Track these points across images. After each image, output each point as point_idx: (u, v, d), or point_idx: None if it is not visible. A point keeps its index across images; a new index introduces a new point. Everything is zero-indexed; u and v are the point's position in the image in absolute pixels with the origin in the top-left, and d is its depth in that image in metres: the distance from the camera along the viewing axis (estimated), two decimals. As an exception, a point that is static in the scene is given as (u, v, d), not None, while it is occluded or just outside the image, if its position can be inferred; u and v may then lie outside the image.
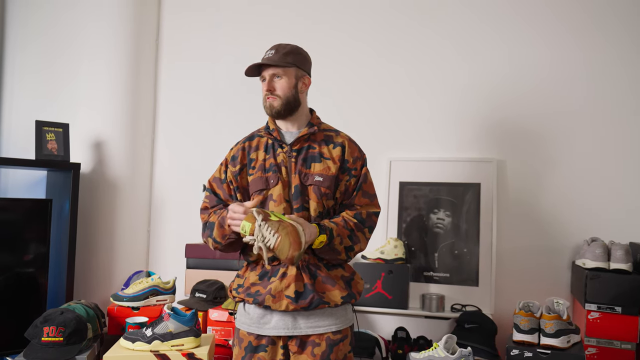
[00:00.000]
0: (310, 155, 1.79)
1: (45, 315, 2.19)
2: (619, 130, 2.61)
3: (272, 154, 1.79)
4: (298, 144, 1.79)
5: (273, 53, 1.78)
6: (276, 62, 1.76)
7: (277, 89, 1.78)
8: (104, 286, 2.94)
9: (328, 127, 1.88)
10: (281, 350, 1.70)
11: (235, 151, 1.86)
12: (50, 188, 2.96)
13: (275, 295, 1.66)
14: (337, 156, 1.79)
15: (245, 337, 1.73)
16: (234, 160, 1.84)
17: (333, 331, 1.70)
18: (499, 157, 2.74)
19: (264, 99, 1.80)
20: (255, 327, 1.71)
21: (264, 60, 1.77)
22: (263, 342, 1.70)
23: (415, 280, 2.73)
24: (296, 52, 1.81)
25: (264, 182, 1.75)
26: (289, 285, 1.66)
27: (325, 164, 1.77)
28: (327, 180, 1.75)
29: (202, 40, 3.21)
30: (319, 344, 1.68)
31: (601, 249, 2.32)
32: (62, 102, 3.05)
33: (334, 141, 1.82)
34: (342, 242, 1.70)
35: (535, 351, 2.04)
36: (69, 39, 3.07)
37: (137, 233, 3.11)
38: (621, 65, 2.62)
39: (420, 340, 2.45)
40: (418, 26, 2.89)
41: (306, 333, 1.68)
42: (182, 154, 3.22)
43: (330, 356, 1.68)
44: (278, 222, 1.55)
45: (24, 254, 2.62)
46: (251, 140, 1.86)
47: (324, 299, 1.67)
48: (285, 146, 1.79)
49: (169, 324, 2.11)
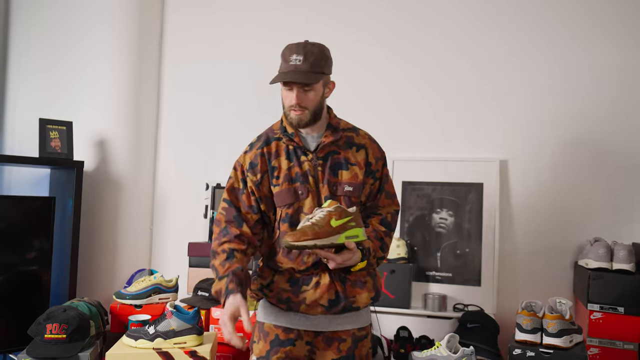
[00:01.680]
0: (336, 162, 1.70)
1: (48, 313, 2.19)
2: (621, 130, 2.61)
3: (296, 162, 1.68)
4: (322, 151, 1.69)
5: (302, 61, 1.60)
6: (308, 80, 1.61)
7: (306, 101, 1.64)
8: (106, 284, 2.95)
9: (346, 125, 1.79)
10: (307, 346, 1.68)
11: (252, 157, 1.71)
12: (54, 186, 2.96)
13: (309, 305, 1.64)
14: (362, 160, 1.73)
15: (271, 331, 1.69)
16: (252, 168, 1.70)
17: (358, 328, 1.72)
18: (501, 157, 2.74)
19: (288, 110, 1.66)
20: (283, 320, 1.68)
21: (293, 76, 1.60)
22: (291, 336, 1.67)
23: (417, 280, 2.73)
24: (324, 56, 1.65)
25: (293, 194, 1.66)
26: (322, 295, 1.64)
27: (352, 171, 1.70)
28: (356, 190, 1.70)
29: (205, 40, 3.22)
30: (345, 339, 1.69)
31: (604, 249, 2.32)
32: (66, 100, 3.06)
33: (356, 143, 1.75)
34: (375, 256, 1.70)
35: (538, 351, 2.03)
36: (73, 39, 3.07)
37: (139, 231, 3.11)
38: (623, 67, 2.61)
39: (423, 339, 2.45)
40: (421, 27, 2.89)
41: (334, 329, 1.69)
42: (185, 152, 3.22)
43: (355, 352, 1.70)
44: None
45: (27, 251, 2.62)
46: (269, 145, 1.72)
47: (354, 304, 1.68)
48: (310, 153, 1.69)
49: (172, 322, 2.11)
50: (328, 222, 1.56)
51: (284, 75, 1.62)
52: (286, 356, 1.66)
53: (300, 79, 1.60)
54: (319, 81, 1.64)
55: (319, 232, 1.53)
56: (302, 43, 1.64)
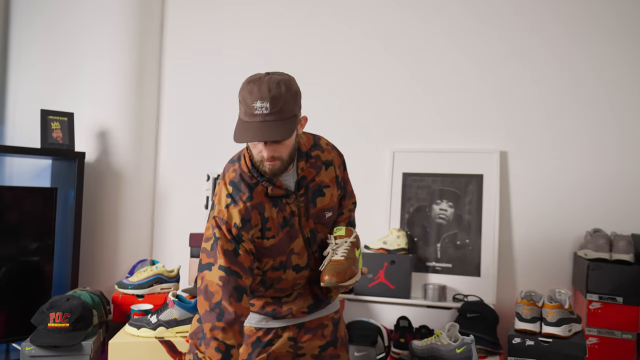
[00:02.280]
0: (314, 190, 1.59)
1: (51, 302, 2.21)
2: (622, 122, 2.61)
3: (280, 206, 1.53)
4: (302, 187, 1.57)
5: (269, 109, 1.36)
6: (282, 136, 1.39)
7: (279, 151, 1.44)
8: (108, 274, 2.96)
9: (308, 142, 1.62)
10: (289, 342, 1.67)
11: (242, 212, 1.48)
12: (55, 177, 2.97)
13: (294, 314, 1.65)
14: (332, 177, 1.64)
15: (252, 333, 1.66)
16: (246, 225, 1.47)
17: (334, 312, 1.75)
18: (501, 148, 2.75)
19: (259, 162, 1.46)
20: (264, 322, 1.66)
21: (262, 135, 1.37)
22: (271, 336, 1.66)
23: (417, 271, 2.74)
24: (292, 94, 1.41)
25: (287, 240, 1.55)
26: (305, 302, 1.66)
27: (328, 194, 1.61)
28: (334, 213, 1.66)
29: (205, 34, 3.22)
30: (327, 325, 1.71)
31: (603, 239, 2.33)
32: (67, 92, 3.06)
33: (324, 160, 1.62)
34: None
35: (537, 340, 2.05)
36: (74, 33, 3.07)
37: (141, 222, 3.13)
38: (625, 59, 2.62)
39: (422, 329, 2.47)
40: (422, 20, 2.89)
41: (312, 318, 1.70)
42: (186, 143, 3.23)
43: (337, 334, 1.73)
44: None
45: (29, 242, 2.64)
46: (253, 193, 1.50)
47: (332, 299, 1.73)
48: (292, 194, 1.55)
49: (174, 311, 2.13)
50: (354, 254, 1.57)
51: (250, 131, 1.38)
52: (268, 356, 1.64)
53: (271, 136, 1.38)
54: (292, 130, 1.42)
55: (354, 268, 1.55)
56: (264, 83, 1.38)
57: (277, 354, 1.65)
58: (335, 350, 1.72)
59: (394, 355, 2.36)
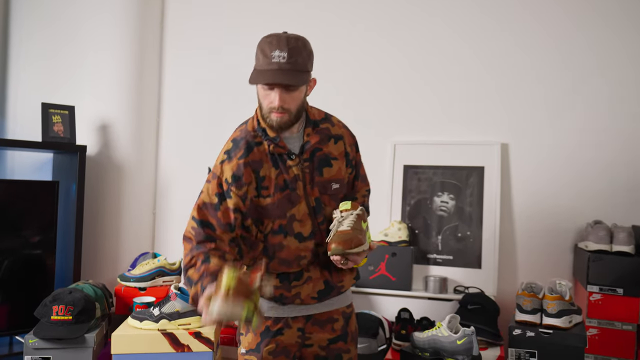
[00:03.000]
0: (320, 159, 1.61)
1: (54, 295, 2.22)
2: (623, 115, 2.61)
3: (282, 168, 1.56)
4: (308, 152, 1.59)
5: (286, 58, 1.45)
6: (296, 82, 1.47)
7: (289, 102, 1.49)
8: (110, 267, 2.97)
9: (319, 116, 1.67)
10: (298, 332, 1.66)
11: (234, 168, 1.53)
12: (57, 170, 2.98)
13: (303, 299, 1.64)
14: (342, 152, 1.66)
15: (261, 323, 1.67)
16: (237, 181, 1.52)
17: (346, 306, 1.73)
18: (502, 140, 2.75)
19: (268, 112, 1.51)
20: (273, 312, 1.65)
21: (278, 77, 1.45)
22: (280, 325, 1.65)
23: (418, 263, 2.75)
24: (308, 52, 1.52)
25: (286, 204, 1.55)
26: (314, 287, 1.64)
27: (335, 165, 1.63)
28: (342, 187, 1.66)
29: (206, 26, 3.21)
30: (337, 319, 1.70)
31: (604, 231, 2.34)
32: (69, 85, 3.07)
33: (334, 134, 1.66)
34: None
35: (537, 331, 2.06)
36: (75, 25, 3.08)
37: (142, 215, 3.13)
38: (626, 53, 2.61)
39: (424, 321, 2.48)
40: (422, 12, 2.88)
41: (323, 310, 1.69)
42: (187, 136, 3.23)
43: (347, 329, 1.72)
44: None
45: (31, 235, 2.65)
46: (251, 152, 1.55)
47: (343, 289, 1.70)
48: (295, 157, 1.57)
49: (176, 304, 2.14)
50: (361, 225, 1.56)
51: (266, 74, 1.46)
52: (277, 346, 1.64)
53: (286, 80, 1.45)
54: (305, 82, 1.51)
55: (361, 237, 1.53)
56: (283, 36, 1.49)
57: (286, 344, 1.65)
58: (345, 345, 1.71)
59: (395, 347, 2.37)
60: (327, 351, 1.69)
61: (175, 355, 2.07)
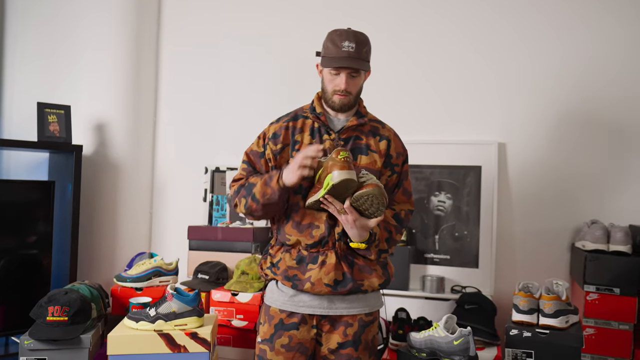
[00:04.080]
0: (357, 146, 1.74)
1: (49, 295, 2.21)
2: (619, 114, 2.60)
3: (318, 139, 1.73)
4: (346, 133, 1.74)
5: (354, 48, 1.67)
6: (364, 67, 1.69)
7: (352, 86, 1.71)
8: (107, 267, 2.97)
9: (374, 118, 1.84)
10: (313, 329, 1.70)
11: (277, 128, 1.77)
12: (53, 170, 2.97)
13: (314, 283, 1.66)
14: (383, 150, 1.77)
15: (276, 315, 1.72)
16: (275, 138, 1.76)
17: (366, 313, 1.73)
18: (500, 139, 2.74)
19: (332, 94, 1.71)
20: (289, 305, 1.70)
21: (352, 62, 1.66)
22: (295, 320, 1.69)
23: (415, 262, 2.75)
24: (369, 44, 1.73)
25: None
26: (328, 274, 1.66)
27: (372, 157, 1.74)
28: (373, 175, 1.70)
29: (204, 22, 3.20)
30: (352, 324, 1.70)
31: (601, 231, 2.33)
32: (64, 85, 3.06)
33: (381, 134, 1.79)
34: (378, 245, 1.70)
35: (534, 331, 2.06)
36: (71, 23, 3.07)
37: (139, 215, 3.13)
38: (626, 54, 2.60)
39: (421, 320, 2.48)
40: (423, 7, 2.87)
41: (340, 313, 1.70)
42: (184, 136, 3.22)
43: (362, 337, 1.72)
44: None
45: (27, 235, 2.64)
46: (295, 121, 1.78)
47: (363, 287, 1.70)
48: (333, 133, 1.74)
49: (173, 304, 2.13)
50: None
51: (341, 60, 1.65)
52: (290, 340, 1.68)
53: (355, 65, 1.66)
54: (367, 69, 1.72)
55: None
56: (350, 31, 1.70)
57: (300, 339, 1.69)
58: (356, 352, 1.71)
59: (392, 347, 2.36)
60: (336, 355, 1.70)
61: (172, 355, 2.06)
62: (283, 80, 3.05)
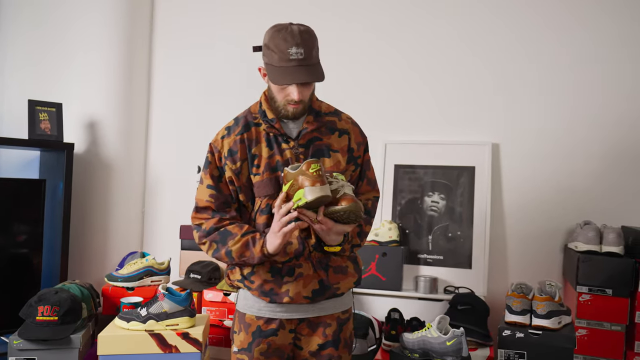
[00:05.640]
0: (318, 149, 1.64)
1: (39, 295, 2.19)
2: (612, 115, 2.61)
3: (277, 150, 1.61)
4: (304, 138, 1.63)
5: (303, 54, 1.50)
6: (319, 78, 1.53)
7: (304, 95, 1.57)
8: (98, 267, 2.94)
9: (328, 109, 1.71)
10: (291, 334, 1.66)
11: (230, 143, 1.62)
12: (44, 168, 2.94)
13: (293, 297, 1.60)
14: (345, 146, 1.68)
15: (253, 322, 1.64)
16: (232, 156, 1.61)
17: (342, 311, 1.71)
18: (493, 140, 2.74)
19: (284, 105, 1.58)
20: (265, 311, 1.64)
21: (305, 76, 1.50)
22: (273, 326, 1.63)
23: (409, 263, 2.74)
24: (316, 41, 1.56)
25: (274, 184, 1.59)
26: (306, 286, 1.61)
27: (335, 157, 1.64)
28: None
29: (197, 24, 3.19)
30: (330, 324, 1.67)
31: (594, 232, 2.34)
32: (56, 82, 3.03)
33: (339, 128, 1.69)
34: (351, 242, 1.67)
35: (527, 332, 2.06)
36: (64, 23, 3.04)
37: (131, 214, 3.11)
38: (622, 50, 2.61)
39: (414, 321, 2.47)
40: (413, 14, 2.87)
41: (318, 315, 1.67)
42: (177, 134, 3.21)
43: (340, 335, 1.69)
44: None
45: (17, 234, 2.61)
46: (248, 131, 1.63)
47: (338, 290, 1.66)
48: (291, 141, 1.62)
49: (164, 304, 2.11)
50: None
51: (289, 73, 1.50)
52: (269, 347, 1.63)
53: (310, 78, 1.51)
54: (322, 78, 1.54)
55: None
56: (294, 30, 1.51)
57: (279, 345, 1.64)
58: (336, 351, 1.68)
59: (385, 348, 2.36)
60: (317, 357, 1.67)
61: (163, 356, 2.05)
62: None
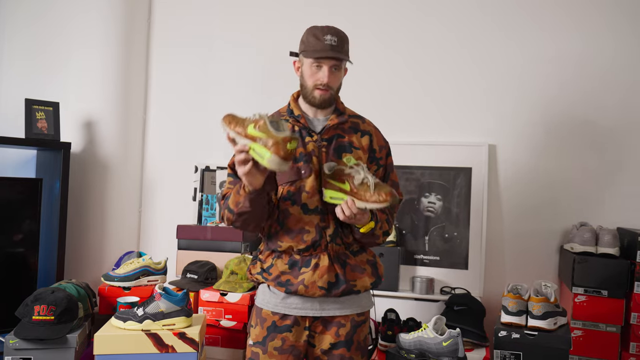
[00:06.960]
0: (340, 144, 1.73)
1: (36, 294, 2.18)
2: (608, 116, 2.62)
3: (300, 142, 1.70)
4: (328, 133, 1.73)
5: (336, 41, 1.67)
6: (348, 57, 1.69)
7: (333, 81, 1.70)
8: (94, 266, 2.94)
9: (352, 113, 1.83)
10: (305, 331, 1.70)
11: None
12: (40, 167, 2.94)
13: (308, 286, 1.65)
14: (366, 145, 1.76)
15: (269, 317, 1.71)
16: None
17: (358, 313, 1.73)
18: (490, 141, 2.75)
19: (312, 88, 1.70)
20: (281, 307, 1.69)
21: (336, 53, 1.66)
22: (288, 322, 1.69)
23: (405, 263, 2.75)
24: (348, 41, 1.74)
25: (296, 172, 1.67)
26: (322, 277, 1.65)
27: (356, 154, 1.73)
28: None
29: (195, 22, 3.19)
30: (344, 324, 1.70)
31: (589, 233, 2.35)
32: (53, 81, 3.02)
33: (362, 129, 1.79)
34: (382, 227, 1.71)
35: (523, 332, 2.07)
36: (60, 21, 3.04)
37: (128, 213, 3.10)
38: (616, 53, 2.62)
39: (410, 321, 2.47)
40: (411, 14, 2.88)
41: (333, 314, 1.70)
42: (174, 134, 3.21)
43: (354, 337, 1.72)
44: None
45: (14, 233, 2.61)
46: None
47: (355, 287, 1.70)
48: (315, 135, 1.72)
49: (161, 304, 2.11)
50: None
51: (325, 51, 1.65)
52: (283, 342, 1.67)
53: (342, 56, 1.66)
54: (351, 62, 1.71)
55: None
56: (330, 26, 1.70)
57: (293, 342, 1.68)
58: (349, 352, 1.70)
59: (381, 348, 2.36)
60: (329, 356, 1.70)
61: (159, 355, 2.04)
62: (272, 80, 3.04)
